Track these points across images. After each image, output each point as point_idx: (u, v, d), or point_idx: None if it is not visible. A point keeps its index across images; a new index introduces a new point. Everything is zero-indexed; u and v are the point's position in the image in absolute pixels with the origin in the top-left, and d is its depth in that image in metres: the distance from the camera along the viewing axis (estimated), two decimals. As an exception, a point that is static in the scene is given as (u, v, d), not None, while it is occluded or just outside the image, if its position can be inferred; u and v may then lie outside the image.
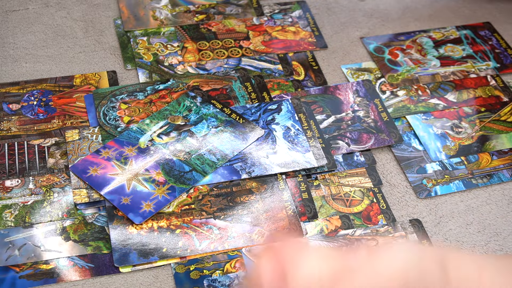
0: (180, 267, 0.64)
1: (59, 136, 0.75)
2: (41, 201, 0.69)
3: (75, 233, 0.67)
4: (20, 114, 0.77)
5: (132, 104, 0.78)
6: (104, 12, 0.92)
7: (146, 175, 0.70)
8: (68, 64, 0.84)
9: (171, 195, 0.69)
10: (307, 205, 0.70)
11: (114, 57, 0.86)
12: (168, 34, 0.88)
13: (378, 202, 0.71)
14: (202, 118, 0.76)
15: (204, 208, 0.69)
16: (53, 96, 0.80)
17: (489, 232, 0.69)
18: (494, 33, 0.91)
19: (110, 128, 0.75)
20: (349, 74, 0.84)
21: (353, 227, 0.68)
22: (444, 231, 0.69)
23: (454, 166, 0.74)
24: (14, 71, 0.83)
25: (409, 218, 0.69)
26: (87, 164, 0.71)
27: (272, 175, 0.72)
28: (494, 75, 0.85)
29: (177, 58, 0.85)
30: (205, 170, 0.71)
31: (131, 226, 0.67)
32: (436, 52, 0.87)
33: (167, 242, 0.66)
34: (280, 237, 0.58)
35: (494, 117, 0.80)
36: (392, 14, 0.94)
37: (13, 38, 0.88)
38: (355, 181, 0.72)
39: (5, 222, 0.67)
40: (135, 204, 0.68)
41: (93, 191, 0.69)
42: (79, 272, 0.64)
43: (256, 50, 0.86)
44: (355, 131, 0.77)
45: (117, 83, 0.82)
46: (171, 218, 0.68)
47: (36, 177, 0.71)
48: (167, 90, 0.80)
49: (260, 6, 0.93)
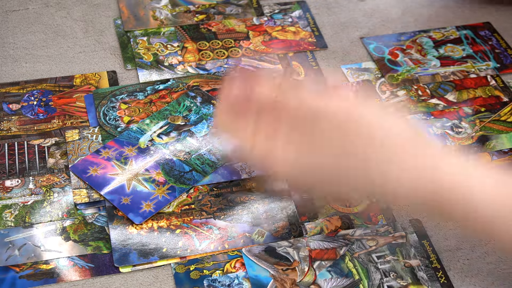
0: (180, 267, 0.64)
1: (59, 136, 0.75)
2: (41, 201, 0.69)
3: (75, 233, 0.67)
4: (20, 114, 0.77)
5: (132, 104, 0.78)
6: (104, 12, 0.92)
7: (146, 175, 0.70)
8: (68, 64, 0.84)
9: (171, 195, 0.69)
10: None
11: (114, 57, 0.86)
12: (168, 34, 0.88)
13: (378, 202, 0.71)
14: (202, 118, 0.76)
15: (204, 208, 0.69)
16: (53, 96, 0.80)
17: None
18: (494, 33, 0.91)
19: (110, 128, 0.75)
20: (349, 74, 0.84)
21: (353, 227, 0.68)
22: (444, 231, 0.69)
23: (454, 166, 0.74)
24: (14, 71, 0.83)
25: (409, 218, 0.69)
26: (87, 164, 0.71)
27: (272, 175, 0.72)
28: (494, 75, 0.85)
29: (177, 58, 0.85)
30: (205, 170, 0.71)
31: (131, 226, 0.67)
32: (436, 52, 0.87)
33: (167, 242, 0.66)
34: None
35: (494, 117, 0.80)
36: (392, 14, 0.94)
37: (13, 38, 0.88)
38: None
39: (5, 222, 0.67)
40: (135, 204, 0.68)
41: (93, 191, 0.69)
42: (79, 272, 0.64)
43: (256, 50, 0.86)
44: (355, 131, 0.77)
45: (117, 83, 0.82)
46: (171, 218, 0.68)
47: (36, 177, 0.71)
48: (167, 90, 0.80)
49: (260, 6, 0.93)
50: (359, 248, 0.66)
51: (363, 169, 0.58)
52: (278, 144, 0.59)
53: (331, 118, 0.58)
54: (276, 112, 0.59)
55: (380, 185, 0.58)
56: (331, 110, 0.58)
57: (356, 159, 0.57)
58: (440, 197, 0.56)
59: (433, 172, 0.57)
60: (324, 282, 0.63)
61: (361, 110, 0.59)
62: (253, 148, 0.60)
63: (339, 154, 0.58)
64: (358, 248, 0.66)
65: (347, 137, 0.58)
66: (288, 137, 0.59)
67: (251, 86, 0.61)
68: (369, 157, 0.57)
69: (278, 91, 0.60)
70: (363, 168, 0.58)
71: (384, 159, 0.57)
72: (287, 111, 0.59)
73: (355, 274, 0.64)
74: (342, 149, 0.58)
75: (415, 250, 0.66)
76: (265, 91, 0.61)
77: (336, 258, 0.65)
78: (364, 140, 0.57)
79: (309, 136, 0.59)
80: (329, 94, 0.61)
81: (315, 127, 0.58)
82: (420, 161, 0.57)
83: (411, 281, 0.64)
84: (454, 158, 0.59)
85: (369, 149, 0.57)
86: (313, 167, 0.59)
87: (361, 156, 0.57)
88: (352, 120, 0.58)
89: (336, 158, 0.58)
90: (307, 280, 0.63)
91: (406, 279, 0.64)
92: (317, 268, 0.64)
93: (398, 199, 0.65)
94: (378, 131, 0.58)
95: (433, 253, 0.66)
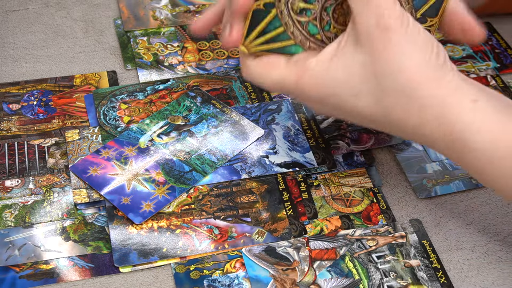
0: (180, 267, 0.64)
1: (59, 136, 0.75)
2: (41, 201, 0.69)
3: (75, 233, 0.67)
4: (20, 114, 0.77)
5: (132, 104, 0.78)
6: (104, 12, 0.92)
7: (146, 175, 0.70)
8: (68, 64, 0.84)
9: (171, 195, 0.69)
10: (307, 205, 0.70)
11: (114, 57, 0.86)
12: (168, 34, 0.88)
13: (378, 202, 0.71)
14: (202, 118, 0.76)
15: (204, 208, 0.69)
16: (53, 96, 0.80)
17: (489, 232, 0.69)
18: (494, 33, 0.91)
19: (110, 128, 0.75)
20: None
21: (353, 227, 0.68)
22: (444, 231, 0.69)
23: (454, 166, 0.74)
24: (14, 71, 0.83)
25: (409, 218, 0.69)
26: (87, 164, 0.71)
27: (272, 175, 0.72)
28: (494, 75, 0.85)
29: (177, 58, 0.85)
30: (205, 170, 0.71)
31: (131, 226, 0.67)
32: (436, 52, 0.87)
33: (167, 242, 0.66)
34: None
35: (494, 117, 0.80)
36: (392, 14, 0.94)
37: (13, 38, 0.88)
38: (355, 181, 0.72)
39: (5, 222, 0.67)
40: (135, 204, 0.68)
41: (93, 191, 0.69)
42: (79, 272, 0.64)
43: (256, 50, 0.86)
44: (355, 131, 0.77)
45: (117, 83, 0.82)
46: (171, 218, 0.68)
47: (36, 177, 0.71)
48: (167, 90, 0.80)
49: (260, 6, 0.93)
50: (359, 248, 0.66)
51: None
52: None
53: None
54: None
55: None
56: None
57: None
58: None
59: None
60: (324, 282, 0.63)
61: None
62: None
63: None
64: (358, 248, 0.66)
65: None
66: None
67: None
68: None
69: None
70: None
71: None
72: None
73: (355, 274, 0.64)
74: None
75: (415, 250, 0.66)
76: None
77: (336, 258, 0.65)
78: None
79: None
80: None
81: None
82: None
83: (411, 281, 0.64)
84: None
85: None
86: None
87: None
88: None
89: None
90: (307, 280, 0.63)
91: (406, 279, 0.64)
92: (317, 268, 0.64)
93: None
94: None
95: (433, 253, 0.66)
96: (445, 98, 0.57)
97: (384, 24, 0.57)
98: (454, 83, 0.57)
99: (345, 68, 0.59)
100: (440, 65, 0.58)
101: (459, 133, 0.57)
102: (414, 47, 0.57)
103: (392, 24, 0.57)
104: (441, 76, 0.57)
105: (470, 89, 0.58)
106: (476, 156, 0.57)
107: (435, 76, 0.57)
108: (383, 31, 0.57)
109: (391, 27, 0.57)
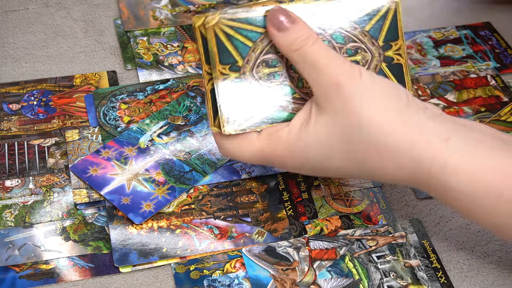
0: (180, 267, 0.64)
1: (59, 136, 0.75)
2: (41, 201, 0.69)
3: (75, 233, 0.67)
4: (20, 114, 0.77)
5: (132, 104, 0.78)
6: (104, 12, 0.92)
7: (146, 175, 0.70)
8: (68, 64, 0.84)
9: (171, 195, 0.69)
10: (307, 205, 0.70)
11: (114, 57, 0.86)
12: (168, 34, 0.88)
13: (378, 202, 0.71)
14: (202, 118, 0.76)
15: (204, 208, 0.69)
16: (53, 96, 0.80)
17: (489, 232, 0.69)
18: (494, 33, 0.91)
19: (110, 128, 0.75)
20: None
21: (353, 227, 0.68)
22: (444, 231, 0.69)
23: (454, 166, 0.74)
24: (14, 71, 0.83)
25: (409, 218, 0.69)
26: (87, 164, 0.71)
27: (272, 175, 0.72)
28: (494, 75, 0.85)
29: (177, 58, 0.85)
30: (205, 170, 0.71)
31: (131, 226, 0.67)
32: (436, 52, 0.87)
33: (167, 242, 0.66)
34: None
35: (494, 117, 0.80)
36: (392, 14, 0.94)
37: (13, 38, 0.88)
38: (355, 181, 0.72)
39: (5, 222, 0.67)
40: (135, 204, 0.68)
41: (93, 191, 0.69)
42: (79, 272, 0.64)
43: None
44: (355, 131, 0.77)
45: (117, 83, 0.82)
46: (171, 218, 0.68)
47: (36, 177, 0.71)
48: (167, 90, 0.80)
49: (260, 6, 0.93)
50: (359, 248, 0.66)
51: None
52: None
53: None
54: None
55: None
56: None
57: None
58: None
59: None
60: (324, 282, 0.63)
61: None
62: None
63: None
64: (358, 248, 0.66)
65: None
66: None
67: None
68: None
69: None
70: None
71: None
72: None
73: (355, 274, 0.64)
74: None
75: (415, 250, 0.66)
76: None
77: (336, 258, 0.65)
78: None
79: None
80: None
81: None
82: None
83: (411, 281, 0.64)
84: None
85: None
86: None
87: None
88: None
89: None
90: (307, 280, 0.63)
91: (406, 279, 0.64)
92: (317, 268, 0.64)
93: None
94: None
95: (433, 253, 0.66)
96: (414, 141, 0.55)
97: (336, 82, 0.57)
98: (422, 123, 0.56)
99: (315, 134, 0.59)
100: (403, 107, 0.57)
101: (436, 174, 0.55)
102: (371, 95, 0.56)
103: (342, 80, 0.56)
104: (407, 119, 0.56)
105: (440, 127, 0.56)
106: (456, 197, 0.56)
107: (400, 120, 0.56)
108: (337, 89, 0.57)
109: (342, 83, 0.56)
